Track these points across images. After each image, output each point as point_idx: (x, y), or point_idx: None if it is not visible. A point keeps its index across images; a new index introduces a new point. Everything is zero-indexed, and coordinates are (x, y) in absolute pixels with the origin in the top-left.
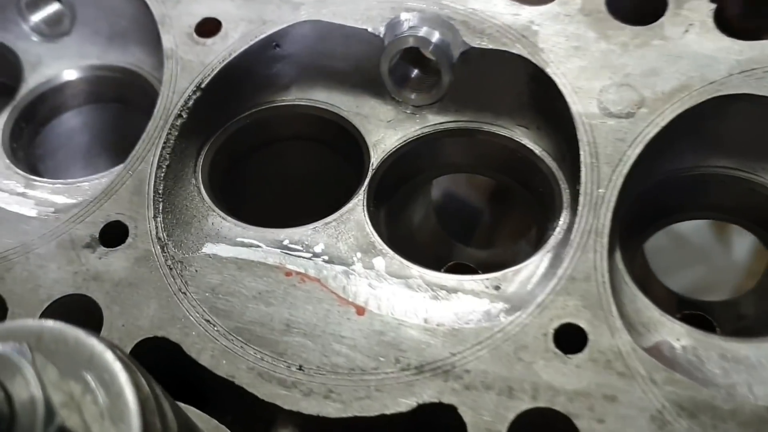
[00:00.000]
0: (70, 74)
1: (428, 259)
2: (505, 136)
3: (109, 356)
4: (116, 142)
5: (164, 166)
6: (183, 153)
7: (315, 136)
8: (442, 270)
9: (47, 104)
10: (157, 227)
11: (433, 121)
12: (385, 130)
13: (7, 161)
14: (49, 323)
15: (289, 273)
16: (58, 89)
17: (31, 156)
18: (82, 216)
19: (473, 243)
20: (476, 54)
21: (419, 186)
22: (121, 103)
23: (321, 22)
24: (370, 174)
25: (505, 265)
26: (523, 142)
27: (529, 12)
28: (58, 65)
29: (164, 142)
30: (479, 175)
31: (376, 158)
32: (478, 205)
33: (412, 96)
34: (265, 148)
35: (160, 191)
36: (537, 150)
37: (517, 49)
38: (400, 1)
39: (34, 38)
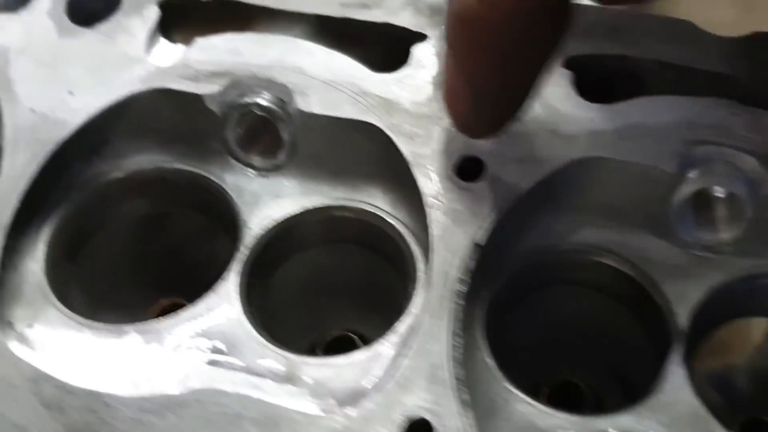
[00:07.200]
0: (296, 215)
1: None
2: None
3: None
4: (361, 291)
5: (459, 345)
6: (470, 323)
7: (591, 283)
8: None
9: (274, 252)
10: (465, 426)
11: (736, 265)
12: (684, 280)
13: (256, 334)
14: None
15: None
16: (285, 233)
17: (265, 315)
18: (377, 413)
19: None
20: None
21: None
22: (355, 244)
23: (601, 159)
24: (684, 338)
25: None
26: None
27: None
28: (280, 204)
29: (453, 315)
30: None
31: (684, 315)
32: None
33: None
34: (537, 295)
35: (461, 377)
36: None
37: None
38: (693, 133)
39: (249, 173)
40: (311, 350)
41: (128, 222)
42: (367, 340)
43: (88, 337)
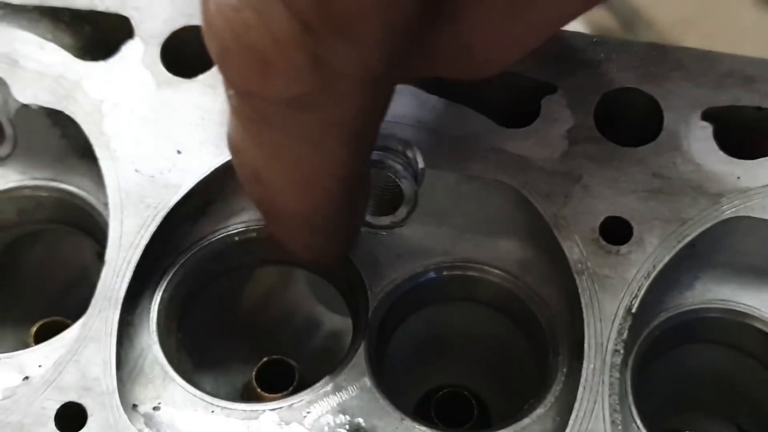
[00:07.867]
0: (418, 275)
1: None
2: None
3: None
4: (475, 349)
5: (618, 422)
6: (623, 393)
7: (730, 342)
8: None
9: (397, 313)
10: None
11: None
12: None
13: (391, 407)
14: None
15: None
16: (407, 295)
17: (383, 376)
18: None
19: None
20: None
21: None
22: (477, 303)
23: (750, 219)
24: None
25: None
26: None
27: None
28: (400, 263)
29: (610, 389)
30: None
31: None
32: None
33: None
34: (672, 354)
35: None
36: None
37: None
38: None
39: (366, 231)
40: (421, 407)
41: (234, 282)
42: (479, 398)
43: (221, 420)
